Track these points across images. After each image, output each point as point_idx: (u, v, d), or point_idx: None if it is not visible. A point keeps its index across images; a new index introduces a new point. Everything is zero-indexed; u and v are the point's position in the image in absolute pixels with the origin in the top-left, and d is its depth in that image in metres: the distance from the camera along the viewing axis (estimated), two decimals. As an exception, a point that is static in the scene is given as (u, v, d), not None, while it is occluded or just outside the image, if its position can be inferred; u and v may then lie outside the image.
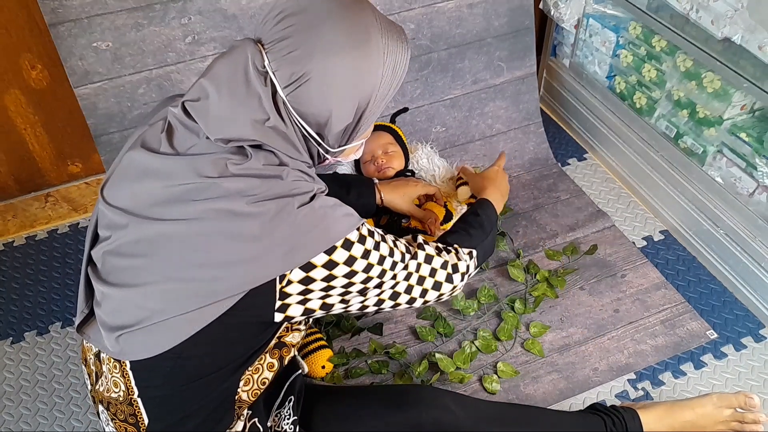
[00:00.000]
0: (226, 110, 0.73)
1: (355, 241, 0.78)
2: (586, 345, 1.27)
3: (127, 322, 0.74)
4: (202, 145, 0.75)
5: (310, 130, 0.77)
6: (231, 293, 0.72)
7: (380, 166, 1.34)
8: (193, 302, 0.72)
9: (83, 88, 1.30)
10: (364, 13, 0.75)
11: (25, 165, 1.51)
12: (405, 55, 0.79)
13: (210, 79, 0.74)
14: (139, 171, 0.77)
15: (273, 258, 0.72)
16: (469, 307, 1.32)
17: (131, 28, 1.28)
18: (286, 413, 0.94)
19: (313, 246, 0.75)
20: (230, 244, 0.72)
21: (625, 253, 1.45)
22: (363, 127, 0.81)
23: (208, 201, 0.72)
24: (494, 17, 1.56)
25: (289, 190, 0.74)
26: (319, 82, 0.73)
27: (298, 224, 0.73)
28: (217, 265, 0.72)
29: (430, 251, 0.91)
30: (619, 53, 1.56)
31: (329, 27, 0.72)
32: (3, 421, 1.19)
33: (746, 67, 1.23)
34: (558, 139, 1.78)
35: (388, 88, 0.78)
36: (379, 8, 1.45)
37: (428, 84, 1.57)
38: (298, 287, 0.75)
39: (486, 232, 1.05)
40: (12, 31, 1.31)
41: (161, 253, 0.73)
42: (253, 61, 0.73)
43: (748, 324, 1.32)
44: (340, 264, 0.77)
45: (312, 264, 0.75)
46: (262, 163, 0.74)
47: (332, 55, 0.72)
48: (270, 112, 0.73)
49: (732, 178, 1.34)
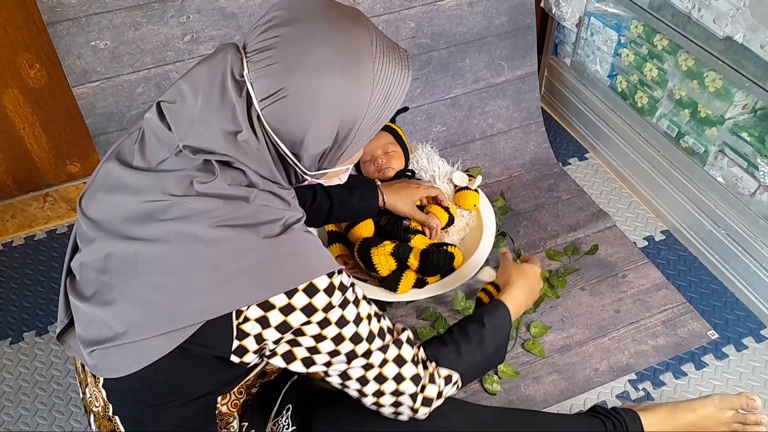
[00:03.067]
0: (199, 116, 0.69)
1: (322, 289, 0.71)
2: (586, 345, 1.27)
3: (97, 338, 0.72)
4: (171, 161, 0.71)
5: (285, 149, 0.71)
6: (188, 323, 0.68)
7: (380, 166, 1.34)
8: (151, 328, 0.69)
9: (81, 88, 1.29)
10: (359, 34, 0.69)
11: (24, 165, 1.50)
12: (402, 83, 0.72)
13: (188, 82, 0.71)
14: (112, 184, 0.74)
15: (230, 291, 0.68)
16: (469, 307, 1.31)
17: (129, 26, 1.28)
18: (284, 422, 0.91)
19: (274, 284, 0.69)
20: (189, 271, 0.68)
21: (626, 254, 1.44)
22: (346, 153, 0.74)
23: (173, 222, 0.68)
24: (495, 16, 1.56)
25: (255, 215, 0.70)
26: (296, 99, 0.67)
27: (261, 258, 0.69)
28: (176, 291, 0.68)
29: (406, 354, 0.80)
30: (621, 52, 1.56)
31: (317, 44, 0.67)
32: (2, 421, 1.19)
33: (748, 66, 1.22)
34: (559, 138, 1.77)
35: (376, 116, 0.71)
36: (378, 6, 1.46)
37: (428, 83, 1.56)
38: (254, 327, 0.70)
39: (485, 350, 0.89)
40: (10, 29, 1.30)
41: (126, 273, 0.70)
42: (232, 68, 0.68)
43: (749, 324, 1.31)
44: (297, 310, 0.70)
45: (270, 304, 0.69)
46: (227, 183, 0.69)
47: (314, 73, 0.66)
48: (243, 124, 0.68)
49: (733, 177, 1.33)
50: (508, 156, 1.65)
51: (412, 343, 0.83)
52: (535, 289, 1.03)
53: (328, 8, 0.70)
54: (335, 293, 0.73)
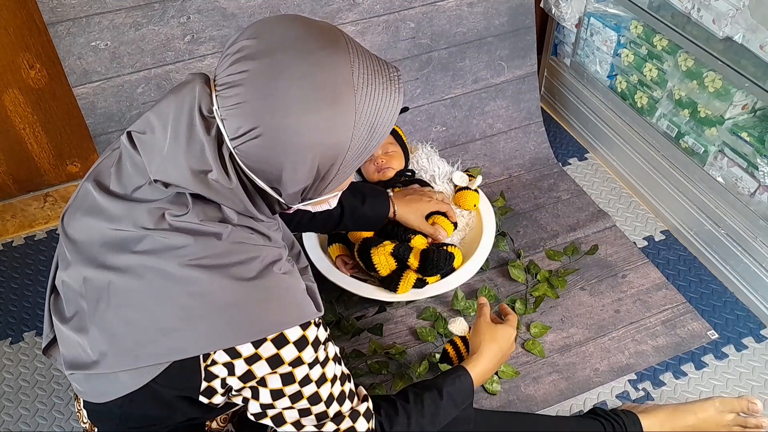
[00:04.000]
0: (167, 153, 0.65)
1: (292, 341, 0.68)
2: (586, 345, 1.27)
3: (75, 362, 0.71)
4: (146, 189, 0.68)
5: (264, 186, 0.66)
6: (154, 361, 0.66)
7: (380, 166, 1.34)
8: (119, 362, 0.67)
9: (82, 88, 1.29)
10: (337, 65, 0.63)
11: (24, 165, 1.50)
12: (391, 108, 0.66)
13: (156, 114, 0.67)
14: (89, 206, 0.71)
15: (197, 333, 0.65)
16: (469, 307, 1.31)
17: (130, 27, 1.28)
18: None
19: (241, 331, 0.65)
20: (157, 309, 0.66)
21: (626, 254, 1.44)
22: (332, 185, 0.69)
23: (145, 255, 0.66)
24: (495, 16, 1.56)
25: (227, 254, 0.66)
26: (267, 141, 0.62)
27: (231, 302, 0.65)
28: (143, 328, 0.66)
29: (360, 428, 0.77)
30: (621, 52, 1.56)
31: (289, 81, 0.61)
32: (2, 421, 1.19)
33: (747, 66, 1.22)
34: (559, 138, 1.77)
35: (362, 148, 0.66)
36: (378, 7, 1.46)
37: (428, 83, 1.57)
38: (222, 370, 0.67)
39: (437, 423, 0.85)
40: (10, 30, 1.30)
41: (100, 301, 0.68)
42: (200, 104, 0.64)
43: (749, 324, 1.31)
44: (263, 360, 0.67)
45: (237, 351, 0.66)
46: (199, 218, 0.66)
47: (286, 115, 0.61)
48: (213, 164, 0.63)
49: (733, 177, 1.33)
50: (507, 156, 1.66)
51: (369, 416, 0.79)
52: (506, 356, 1.00)
53: (302, 36, 0.63)
54: (306, 348, 0.69)
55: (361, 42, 1.47)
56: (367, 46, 1.48)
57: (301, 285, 0.71)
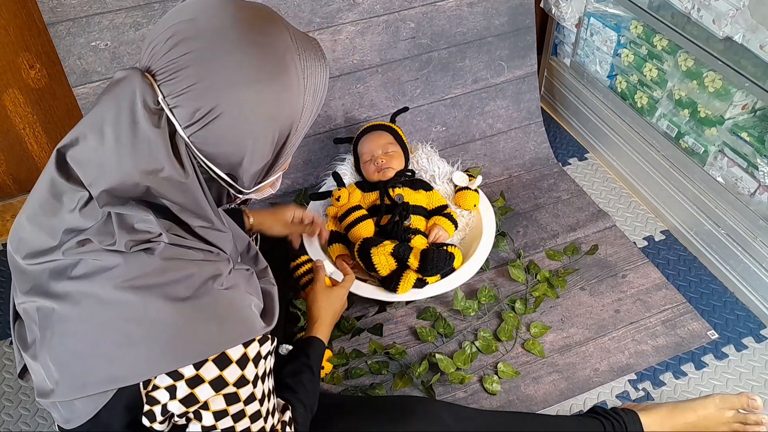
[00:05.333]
0: (109, 158, 0.61)
1: (235, 360, 0.65)
2: (586, 345, 1.27)
3: (40, 389, 0.70)
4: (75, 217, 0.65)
5: (221, 173, 0.65)
6: (99, 389, 0.64)
7: (380, 166, 1.34)
8: (70, 391, 0.66)
9: (82, 88, 1.29)
10: (279, 34, 0.63)
11: (24, 165, 1.50)
12: (324, 75, 0.68)
13: (89, 123, 0.63)
14: (26, 241, 0.69)
15: (135, 359, 0.63)
16: (469, 307, 1.31)
17: (130, 27, 1.28)
18: None
19: (180, 355, 0.63)
20: (95, 336, 0.63)
21: (626, 254, 1.44)
22: (282, 161, 0.70)
23: (79, 281, 0.64)
24: (495, 16, 1.56)
25: (160, 272, 0.62)
26: (232, 118, 0.61)
27: (170, 324, 0.62)
28: (85, 356, 0.64)
29: None
30: (620, 52, 1.56)
31: (241, 54, 0.60)
32: (2, 421, 1.19)
33: (747, 66, 1.22)
34: (559, 138, 1.77)
35: (309, 116, 0.68)
36: (378, 7, 1.46)
37: (428, 83, 1.57)
38: (164, 395, 0.65)
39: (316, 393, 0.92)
40: (10, 29, 1.30)
41: (48, 330, 0.66)
42: (143, 98, 0.60)
43: (749, 324, 1.31)
44: (205, 382, 0.64)
45: (179, 373, 0.63)
46: (126, 239, 0.62)
47: (247, 86, 0.60)
48: (165, 160, 0.61)
49: (733, 177, 1.33)
50: (508, 156, 1.66)
51: (291, 422, 0.81)
52: (339, 315, 1.10)
53: (236, 10, 0.63)
54: (248, 366, 0.66)
55: (361, 42, 1.47)
56: (367, 46, 1.48)
57: (245, 300, 0.68)
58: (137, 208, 0.63)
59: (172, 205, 0.64)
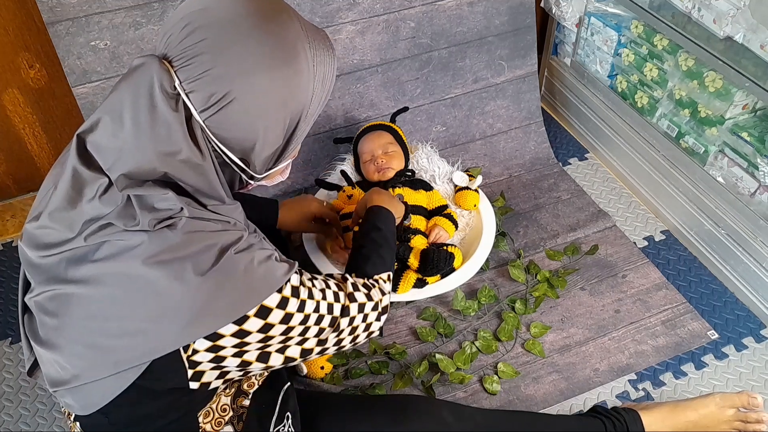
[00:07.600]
0: (129, 143, 0.64)
1: (274, 306, 0.69)
2: (586, 345, 1.27)
3: (57, 380, 0.71)
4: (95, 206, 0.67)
5: (234, 157, 0.68)
6: (132, 364, 0.66)
7: (380, 166, 1.34)
8: (99, 370, 0.68)
9: (81, 87, 1.29)
10: (290, 22, 0.66)
11: (24, 165, 1.50)
12: (332, 64, 0.71)
13: (108, 109, 0.65)
14: (40, 238, 0.70)
15: (170, 330, 0.65)
16: (469, 307, 1.31)
17: (129, 26, 1.28)
18: (287, 430, 0.89)
19: (219, 316, 0.66)
20: (127, 313, 0.65)
21: (626, 254, 1.44)
22: (292, 147, 0.73)
23: (104, 262, 0.65)
24: (495, 15, 1.56)
25: (183, 245, 0.65)
26: (245, 103, 0.64)
27: (198, 292, 0.65)
28: (117, 334, 0.66)
29: (362, 298, 0.83)
30: (621, 52, 1.56)
31: (254, 41, 0.63)
32: (2, 421, 1.19)
33: (748, 66, 1.22)
34: (559, 138, 1.77)
35: (318, 103, 0.71)
36: (378, 6, 1.46)
37: (428, 83, 1.56)
38: (206, 355, 0.68)
39: (392, 247, 0.97)
40: (10, 29, 1.30)
41: (69, 316, 0.68)
42: (161, 83, 0.62)
43: (749, 324, 1.31)
44: (254, 332, 0.69)
45: (219, 334, 0.67)
46: (149, 218, 0.64)
47: (259, 72, 0.63)
48: (182, 142, 0.64)
49: (733, 177, 1.33)
50: (508, 156, 1.65)
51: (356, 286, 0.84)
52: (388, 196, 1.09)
53: (248, 0, 0.66)
54: (290, 302, 0.71)
55: (361, 41, 1.47)
56: (367, 45, 1.48)
57: (265, 252, 0.71)
58: (155, 188, 0.65)
59: (188, 187, 0.66)
